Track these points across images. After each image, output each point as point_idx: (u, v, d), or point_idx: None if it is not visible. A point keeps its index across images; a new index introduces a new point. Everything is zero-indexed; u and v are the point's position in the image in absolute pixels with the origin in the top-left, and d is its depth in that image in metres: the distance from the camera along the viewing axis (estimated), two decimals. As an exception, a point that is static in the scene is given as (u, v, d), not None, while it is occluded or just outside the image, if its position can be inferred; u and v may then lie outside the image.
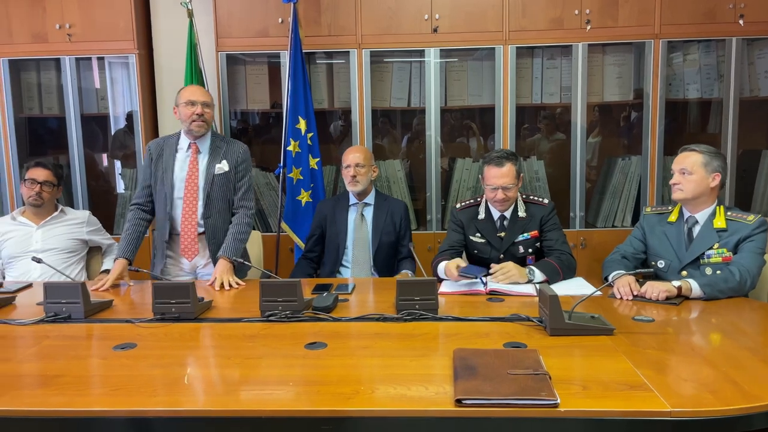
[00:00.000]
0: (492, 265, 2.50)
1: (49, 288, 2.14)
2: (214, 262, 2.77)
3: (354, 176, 2.99)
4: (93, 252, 3.18)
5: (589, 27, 3.62)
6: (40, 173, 3.03)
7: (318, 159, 3.67)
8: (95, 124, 4.02)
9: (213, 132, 2.87)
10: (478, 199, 2.81)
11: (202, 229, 2.79)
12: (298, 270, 3.11)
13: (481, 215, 2.76)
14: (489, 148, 3.98)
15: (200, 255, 2.82)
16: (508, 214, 2.72)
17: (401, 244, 3.07)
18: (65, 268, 2.93)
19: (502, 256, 2.68)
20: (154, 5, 3.94)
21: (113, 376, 1.64)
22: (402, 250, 3.07)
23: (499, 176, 2.63)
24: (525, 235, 2.70)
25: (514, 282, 2.43)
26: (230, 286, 2.59)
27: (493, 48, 3.68)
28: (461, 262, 2.53)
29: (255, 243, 3.39)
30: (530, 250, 2.70)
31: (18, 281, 2.79)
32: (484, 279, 2.42)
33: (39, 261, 2.62)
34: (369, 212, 3.07)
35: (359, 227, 3.04)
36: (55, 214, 3.08)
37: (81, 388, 1.58)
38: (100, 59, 3.87)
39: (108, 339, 1.94)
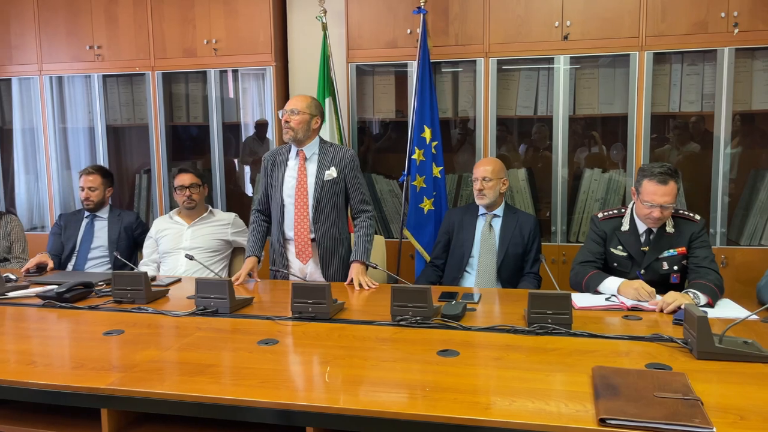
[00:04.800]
0: (656, 301, 2.31)
1: (200, 284, 2.33)
2: (323, 268, 2.88)
3: (480, 190, 2.99)
4: (237, 252, 3.40)
5: (737, 30, 3.38)
6: (186, 178, 3.30)
7: (441, 167, 3.70)
8: (229, 132, 4.30)
9: (321, 139, 2.92)
10: (623, 210, 2.69)
11: (312, 236, 2.86)
12: (423, 277, 3.15)
13: (625, 227, 2.64)
14: (612, 157, 3.82)
15: (311, 261, 2.89)
16: (654, 228, 2.58)
17: (527, 258, 3.02)
18: (208, 266, 3.16)
19: (642, 271, 2.56)
20: (291, 19, 4.18)
21: (260, 369, 1.75)
22: (525, 266, 3.03)
23: (661, 194, 2.46)
24: (671, 251, 2.55)
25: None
26: (368, 286, 2.71)
27: (627, 54, 3.53)
28: (650, 288, 2.37)
29: (379, 248, 3.47)
30: (675, 268, 2.55)
31: (168, 276, 3.05)
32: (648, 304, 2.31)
33: (191, 258, 2.86)
34: (497, 223, 3.06)
35: (486, 236, 3.03)
36: (205, 215, 3.35)
37: (233, 378, 1.70)
38: (235, 71, 4.15)
39: (252, 334, 2.07)
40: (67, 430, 1.75)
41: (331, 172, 2.84)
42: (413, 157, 3.66)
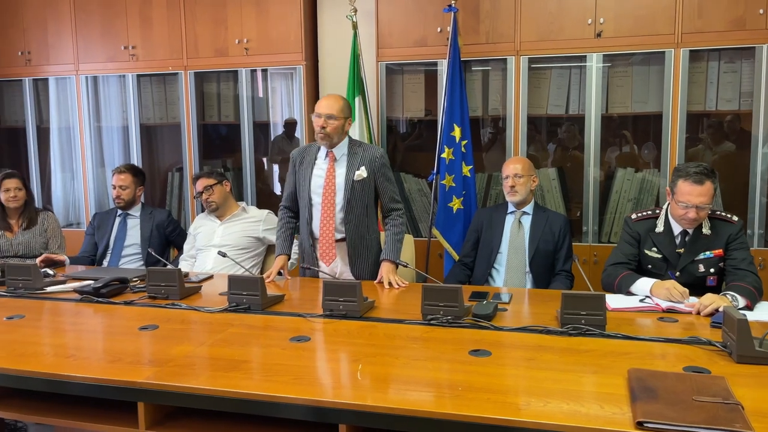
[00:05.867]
0: (693, 303, 2.26)
1: (233, 280, 2.36)
2: (352, 268, 2.87)
3: (513, 186, 2.97)
4: (271, 250, 3.37)
5: (776, 27, 3.30)
6: (198, 185, 3.33)
7: (471, 166, 3.68)
8: (259, 131, 4.34)
9: (350, 139, 2.90)
10: (657, 211, 2.65)
11: (341, 235, 2.86)
12: (452, 276, 3.15)
13: (659, 228, 2.59)
14: (645, 157, 3.76)
15: (340, 260, 2.89)
16: (690, 229, 2.54)
17: (558, 256, 2.99)
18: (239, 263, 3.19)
19: (678, 273, 2.51)
20: (321, 19, 4.20)
21: (293, 366, 1.76)
22: (557, 264, 3.00)
23: (696, 195, 2.41)
24: (708, 253, 2.50)
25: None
26: (398, 285, 2.71)
27: (663, 52, 3.47)
28: (682, 289, 2.31)
29: (407, 247, 3.47)
30: (712, 270, 2.50)
31: (200, 273, 3.08)
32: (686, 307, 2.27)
33: (224, 255, 2.90)
34: (527, 220, 3.04)
35: (515, 233, 3.01)
36: (236, 212, 3.38)
37: (266, 374, 1.72)
38: (265, 70, 4.18)
39: (284, 330, 2.09)
40: (103, 422, 1.78)
41: (362, 172, 2.81)
42: (443, 155, 3.65)
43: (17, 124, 4.68)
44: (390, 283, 2.71)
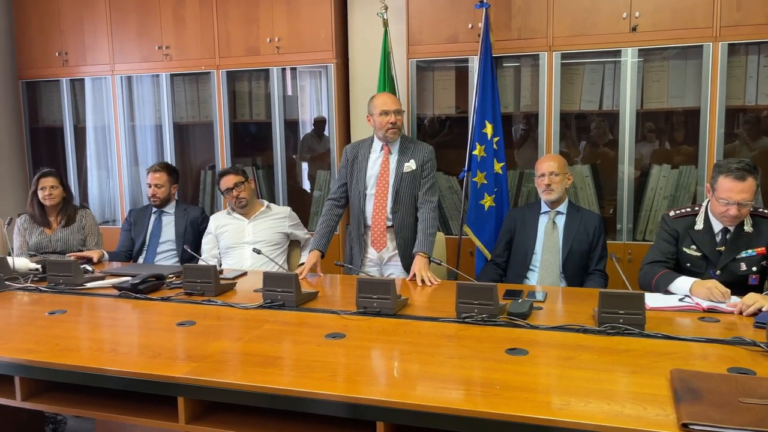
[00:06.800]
0: (735, 302, 2.20)
1: (268, 277, 2.37)
2: (400, 254, 2.99)
3: (548, 185, 2.94)
4: (292, 245, 3.47)
5: (820, 19, 3.19)
6: (228, 181, 3.35)
7: (503, 164, 3.64)
8: (288, 129, 4.36)
9: (402, 135, 3.07)
10: (696, 208, 2.59)
11: (390, 223, 3.00)
12: (484, 275, 3.13)
13: (699, 226, 2.54)
14: (682, 153, 3.68)
15: (387, 247, 3.02)
16: (731, 227, 2.48)
17: (592, 255, 2.95)
18: (272, 258, 3.21)
19: (718, 272, 2.45)
20: (352, 17, 4.20)
21: (329, 363, 1.77)
22: (591, 264, 2.96)
23: (737, 191, 2.35)
24: (750, 251, 2.44)
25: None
26: (431, 282, 2.71)
27: (700, 46, 3.39)
28: (724, 289, 2.25)
29: (439, 244, 3.46)
30: (754, 269, 2.44)
31: (235, 269, 3.12)
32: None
33: (259, 252, 2.92)
34: (561, 220, 3.01)
35: (550, 233, 2.98)
36: (262, 209, 3.42)
37: (302, 370, 1.72)
38: (293, 69, 4.21)
39: (319, 327, 2.09)
40: (143, 416, 1.80)
41: (411, 164, 2.99)
42: (474, 153, 3.62)
43: (55, 124, 4.78)
44: (423, 281, 2.70)
